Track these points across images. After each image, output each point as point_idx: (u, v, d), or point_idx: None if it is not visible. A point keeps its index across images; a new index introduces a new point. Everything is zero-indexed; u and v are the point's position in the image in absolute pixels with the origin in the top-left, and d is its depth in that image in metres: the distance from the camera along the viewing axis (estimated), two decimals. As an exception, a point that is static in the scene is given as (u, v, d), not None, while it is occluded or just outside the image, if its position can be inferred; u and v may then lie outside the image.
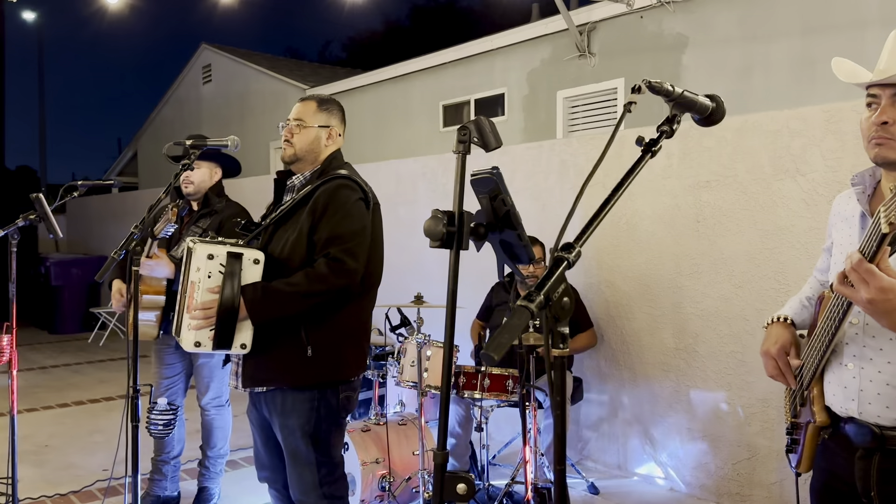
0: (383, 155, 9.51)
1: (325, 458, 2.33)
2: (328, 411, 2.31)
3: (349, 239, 2.25)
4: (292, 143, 2.41)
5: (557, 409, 1.13)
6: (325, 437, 2.32)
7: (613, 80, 7.47)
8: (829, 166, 3.25)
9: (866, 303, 1.31)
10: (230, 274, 2.15)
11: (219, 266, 2.17)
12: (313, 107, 2.44)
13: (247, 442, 4.53)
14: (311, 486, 2.31)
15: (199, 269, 2.17)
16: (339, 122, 2.50)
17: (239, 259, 2.18)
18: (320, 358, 2.26)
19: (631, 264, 4.06)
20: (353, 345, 2.36)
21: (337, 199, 2.28)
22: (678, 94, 1.31)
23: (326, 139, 2.44)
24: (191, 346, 2.19)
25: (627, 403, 4.10)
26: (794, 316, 1.78)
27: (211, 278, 2.17)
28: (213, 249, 2.17)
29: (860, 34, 5.64)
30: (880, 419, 1.50)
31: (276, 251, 2.31)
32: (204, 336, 2.18)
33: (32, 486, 3.91)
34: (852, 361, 1.54)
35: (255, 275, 2.21)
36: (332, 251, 2.22)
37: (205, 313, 2.16)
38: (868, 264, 1.28)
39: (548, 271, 1.09)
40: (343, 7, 10.44)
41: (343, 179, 2.34)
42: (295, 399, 2.28)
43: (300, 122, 2.41)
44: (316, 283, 2.19)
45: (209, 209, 3.38)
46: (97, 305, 9.23)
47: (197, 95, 14.18)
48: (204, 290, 2.16)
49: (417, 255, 5.23)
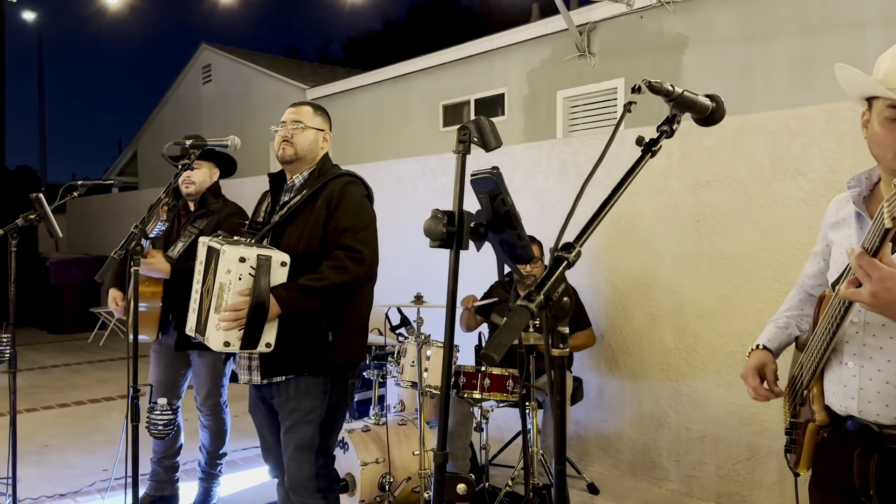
0: (383, 155, 9.51)
1: (325, 446, 2.43)
2: (338, 397, 2.44)
3: (361, 229, 2.40)
4: (293, 142, 2.49)
5: (557, 409, 1.13)
6: (331, 424, 2.43)
7: (613, 80, 7.47)
8: (828, 166, 3.25)
9: (870, 296, 1.31)
10: (260, 276, 2.23)
11: (249, 269, 2.23)
12: (310, 110, 2.56)
13: (247, 442, 4.54)
14: (308, 477, 2.39)
15: (230, 271, 2.22)
16: (329, 128, 2.64)
17: (269, 262, 2.25)
18: (339, 343, 2.39)
19: (631, 264, 4.06)
20: (361, 331, 2.52)
21: (349, 193, 2.43)
22: (678, 94, 1.31)
23: (322, 142, 2.57)
24: (220, 346, 2.24)
25: (627, 403, 4.10)
26: (768, 342, 1.84)
27: (242, 280, 2.23)
28: (244, 252, 2.23)
29: (860, 34, 5.64)
30: (880, 417, 1.50)
31: (290, 245, 2.39)
32: (233, 336, 2.24)
33: (32, 486, 3.91)
34: (852, 360, 1.55)
35: (281, 276, 2.28)
36: (348, 241, 2.36)
37: (235, 314, 2.21)
38: (869, 256, 1.29)
39: (548, 271, 1.09)
40: (343, 7, 10.43)
41: (349, 176, 2.50)
42: (309, 384, 2.39)
43: (300, 123, 2.50)
44: (340, 273, 2.32)
45: (206, 209, 3.38)
46: (97, 305, 9.23)
47: (197, 95, 14.17)
48: (234, 292, 2.22)
49: (417, 255, 5.23)
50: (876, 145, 1.53)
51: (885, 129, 1.49)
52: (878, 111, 1.50)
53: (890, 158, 1.50)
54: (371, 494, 3.45)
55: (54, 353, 8.10)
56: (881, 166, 1.56)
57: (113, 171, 17.83)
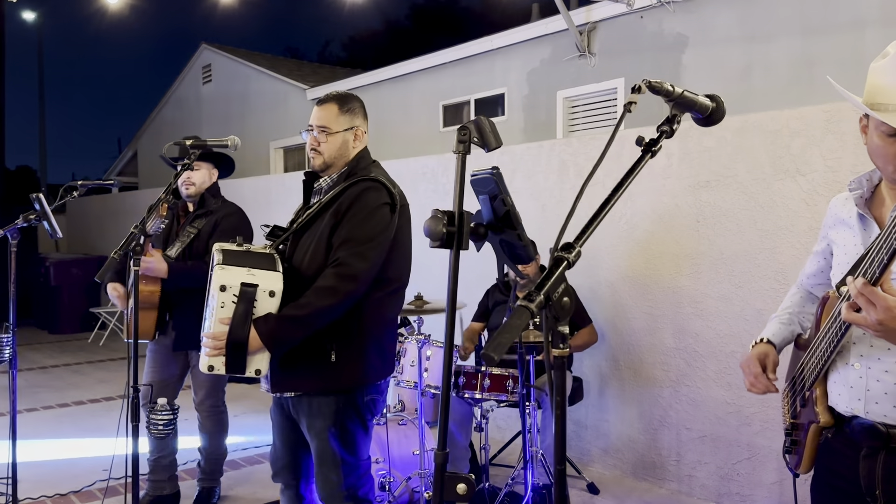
0: (383, 155, 9.42)
1: (352, 458, 2.33)
2: (353, 413, 2.31)
3: (363, 242, 2.22)
4: (320, 151, 2.35)
5: (557, 409, 1.12)
6: (352, 439, 2.32)
7: (613, 80, 7.48)
8: (828, 166, 3.25)
9: (877, 324, 1.33)
10: (242, 308, 2.11)
11: (232, 297, 2.13)
12: (335, 111, 2.36)
13: (247, 442, 4.54)
14: (337, 488, 2.31)
15: (214, 296, 2.14)
16: (363, 118, 2.44)
17: (253, 291, 2.13)
18: (344, 364, 2.26)
19: (631, 264, 4.06)
20: (377, 350, 2.34)
21: (361, 201, 2.26)
22: (678, 94, 1.31)
23: (354, 141, 2.40)
24: (205, 369, 2.18)
25: (627, 403, 4.10)
26: (772, 337, 1.82)
27: (224, 308, 2.13)
28: (229, 279, 2.12)
29: (860, 34, 5.64)
30: (887, 418, 1.50)
31: (298, 258, 2.30)
32: (218, 362, 2.16)
33: (32, 486, 3.91)
34: (859, 361, 1.55)
35: (270, 306, 2.16)
36: (341, 255, 2.21)
37: (215, 343, 2.14)
38: (871, 286, 1.32)
39: (548, 271, 1.09)
40: (343, 7, 10.44)
41: (370, 182, 2.30)
42: (321, 403, 2.28)
43: (325, 129, 2.35)
44: (326, 297, 2.17)
45: (205, 210, 3.38)
46: (97, 305, 9.23)
47: (197, 95, 14.17)
48: (216, 320, 2.14)
49: (417, 255, 5.22)
50: (876, 157, 1.55)
51: (883, 143, 1.51)
52: (875, 124, 1.52)
53: (891, 171, 1.53)
54: (371, 494, 3.45)
55: (54, 353, 8.10)
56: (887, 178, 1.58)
57: (113, 171, 17.83)
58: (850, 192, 1.64)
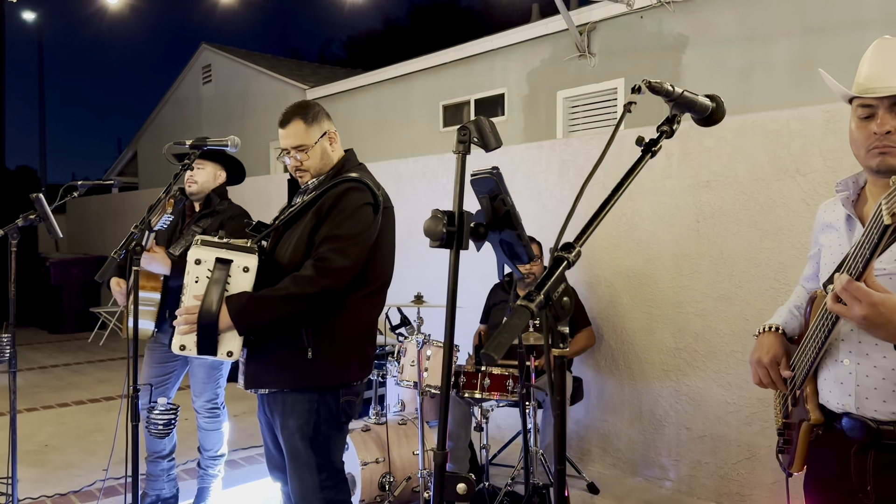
0: (383, 155, 9.51)
1: (325, 461, 2.30)
2: (328, 414, 2.28)
3: (344, 239, 2.22)
4: (306, 168, 2.40)
5: (557, 409, 1.13)
6: (324, 441, 2.29)
7: (613, 80, 7.47)
8: (828, 166, 3.25)
9: (861, 319, 1.35)
10: (215, 282, 2.11)
11: (206, 272, 2.13)
12: (302, 126, 2.38)
13: (247, 442, 4.54)
14: (312, 490, 2.28)
15: (189, 272, 2.15)
16: (329, 120, 2.46)
17: (227, 266, 2.14)
18: (321, 361, 2.24)
19: (631, 264, 4.06)
20: (355, 349, 2.33)
21: (343, 201, 2.26)
22: (678, 94, 1.31)
23: (331, 145, 2.44)
24: (176, 349, 2.17)
25: (627, 403, 4.10)
26: (784, 325, 1.79)
27: (198, 283, 2.13)
28: (204, 254, 2.13)
29: (860, 34, 5.64)
30: (877, 413, 1.51)
31: (280, 254, 2.30)
32: (189, 341, 2.15)
33: (32, 486, 3.91)
34: (849, 357, 1.56)
35: (244, 283, 2.15)
36: (322, 250, 2.20)
37: (187, 318, 2.14)
38: (856, 283, 1.33)
39: (548, 271, 1.09)
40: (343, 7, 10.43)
41: (353, 182, 2.30)
42: (294, 400, 2.26)
43: (302, 147, 2.38)
44: (302, 285, 2.16)
45: (210, 210, 3.39)
46: (97, 305, 9.23)
47: (197, 95, 14.17)
48: (190, 295, 2.14)
49: (417, 255, 5.23)
50: (853, 144, 1.59)
51: (858, 128, 1.55)
52: (853, 111, 1.57)
53: (863, 155, 1.56)
54: (371, 494, 3.45)
55: (54, 353, 8.10)
56: (863, 166, 1.60)
57: (113, 171, 17.84)
58: (837, 194, 1.67)
